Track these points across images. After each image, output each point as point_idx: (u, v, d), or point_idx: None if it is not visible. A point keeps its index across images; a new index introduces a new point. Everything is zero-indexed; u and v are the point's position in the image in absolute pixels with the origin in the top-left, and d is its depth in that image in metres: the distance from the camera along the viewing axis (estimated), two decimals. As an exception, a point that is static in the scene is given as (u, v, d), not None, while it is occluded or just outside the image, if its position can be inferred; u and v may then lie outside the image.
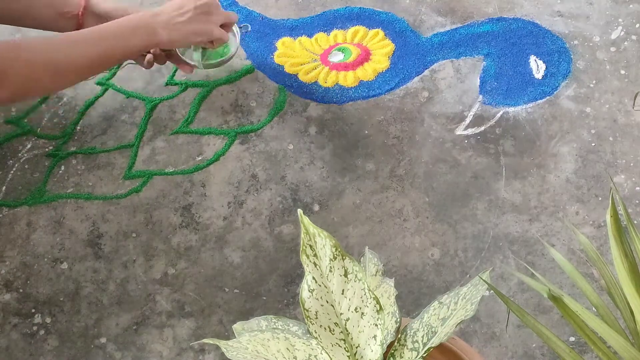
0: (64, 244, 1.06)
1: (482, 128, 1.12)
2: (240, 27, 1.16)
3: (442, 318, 0.65)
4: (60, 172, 1.13)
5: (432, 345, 0.64)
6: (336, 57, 1.20)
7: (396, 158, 1.10)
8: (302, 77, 1.18)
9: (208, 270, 1.03)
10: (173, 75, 1.21)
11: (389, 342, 0.66)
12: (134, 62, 1.12)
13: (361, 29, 1.23)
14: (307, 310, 0.60)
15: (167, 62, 1.12)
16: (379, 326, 0.61)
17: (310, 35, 1.23)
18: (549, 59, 1.17)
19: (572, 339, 0.94)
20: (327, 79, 1.18)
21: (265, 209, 1.07)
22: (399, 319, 0.68)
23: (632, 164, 1.07)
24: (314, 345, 0.63)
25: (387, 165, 1.09)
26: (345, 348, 0.62)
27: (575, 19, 1.21)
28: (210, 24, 1.04)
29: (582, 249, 0.98)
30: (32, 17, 0.99)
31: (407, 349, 0.65)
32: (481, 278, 0.66)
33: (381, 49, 1.20)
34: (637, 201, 1.04)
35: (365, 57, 1.19)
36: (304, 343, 0.63)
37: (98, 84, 1.20)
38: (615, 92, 1.13)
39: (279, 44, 1.22)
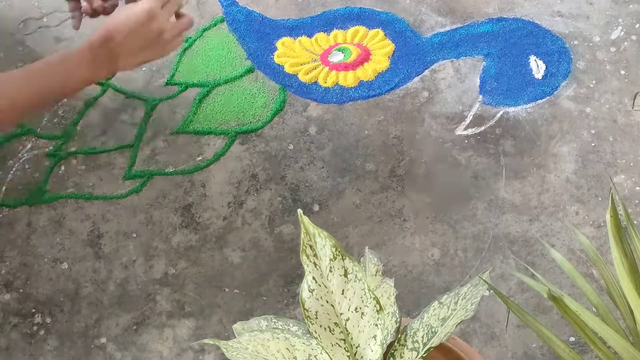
0: (64, 244, 1.06)
1: (482, 128, 1.12)
2: None
3: (442, 318, 0.65)
4: (61, 172, 1.13)
5: (432, 345, 0.64)
6: (336, 57, 1.20)
7: (396, 158, 1.10)
8: (302, 77, 1.18)
9: (208, 270, 1.03)
10: (173, 75, 1.21)
11: (389, 342, 0.66)
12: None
13: (361, 29, 1.23)
14: (307, 310, 0.60)
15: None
16: (379, 326, 0.61)
17: (310, 35, 1.23)
18: (549, 59, 1.17)
19: (572, 339, 0.94)
20: (327, 79, 1.18)
21: (265, 209, 1.07)
22: (399, 319, 0.68)
23: (632, 164, 1.07)
24: (314, 345, 0.63)
25: (387, 165, 1.09)
26: (345, 348, 0.62)
27: (575, 19, 1.21)
28: (162, 48, 0.90)
29: (582, 249, 0.98)
30: None
31: (407, 349, 0.65)
32: (481, 278, 0.66)
33: (381, 49, 1.20)
34: (637, 201, 1.04)
35: (365, 57, 1.19)
36: (304, 343, 0.63)
37: (98, 84, 1.20)
38: (615, 92, 1.13)
39: (279, 44, 1.22)
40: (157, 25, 0.88)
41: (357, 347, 0.62)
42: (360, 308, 0.61)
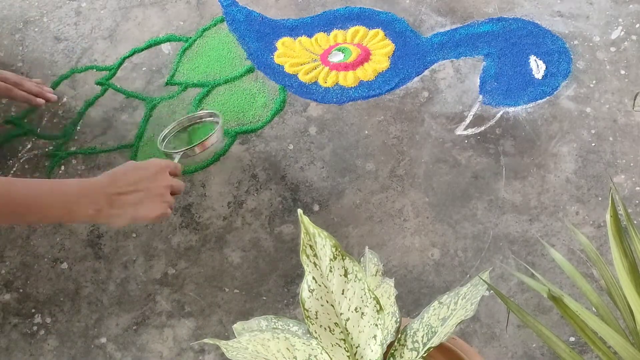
0: (64, 244, 1.06)
1: (482, 128, 1.12)
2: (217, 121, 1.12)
3: (442, 318, 0.65)
4: (60, 172, 1.13)
5: (432, 345, 0.64)
6: (336, 57, 1.20)
7: (396, 158, 1.10)
8: (302, 77, 1.18)
9: (208, 270, 1.02)
10: (173, 75, 1.21)
11: (389, 342, 0.66)
12: None
13: (361, 29, 1.23)
14: (307, 310, 0.60)
15: None
16: (379, 326, 0.61)
17: (310, 35, 1.23)
18: (549, 59, 1.17)
19: (572, 339, 0.94)
20: (327, 79, 1.18)
21: (265, 209, 1.07)
22: (399, 319, 0.68)
23: (632, 164, 1.07)
24: (314, 345, 0.63)
25: (387, 165, 1.09)
26: (345, 348, 0.62)
27: (575, 19, 1.21)
28: (160, 208, 0.91)
29: (582, 249, 0.98)
30: None
31: (407, 349, 0.65)
32: (481, 278, 0.66)
33: (381, 49, 1.20)
34: (637, 201, 1.04)
35: (365, 57, 1.19)
36: (304, 343, 0.63)
37: (98, 84, 1.21)
38: (615, 92, 1.13)
39: (279, 44, 1.22)
40: (162, 182, 0.91)
41: (357, 347, 0.62)
42: (360, 308, 0.61)
